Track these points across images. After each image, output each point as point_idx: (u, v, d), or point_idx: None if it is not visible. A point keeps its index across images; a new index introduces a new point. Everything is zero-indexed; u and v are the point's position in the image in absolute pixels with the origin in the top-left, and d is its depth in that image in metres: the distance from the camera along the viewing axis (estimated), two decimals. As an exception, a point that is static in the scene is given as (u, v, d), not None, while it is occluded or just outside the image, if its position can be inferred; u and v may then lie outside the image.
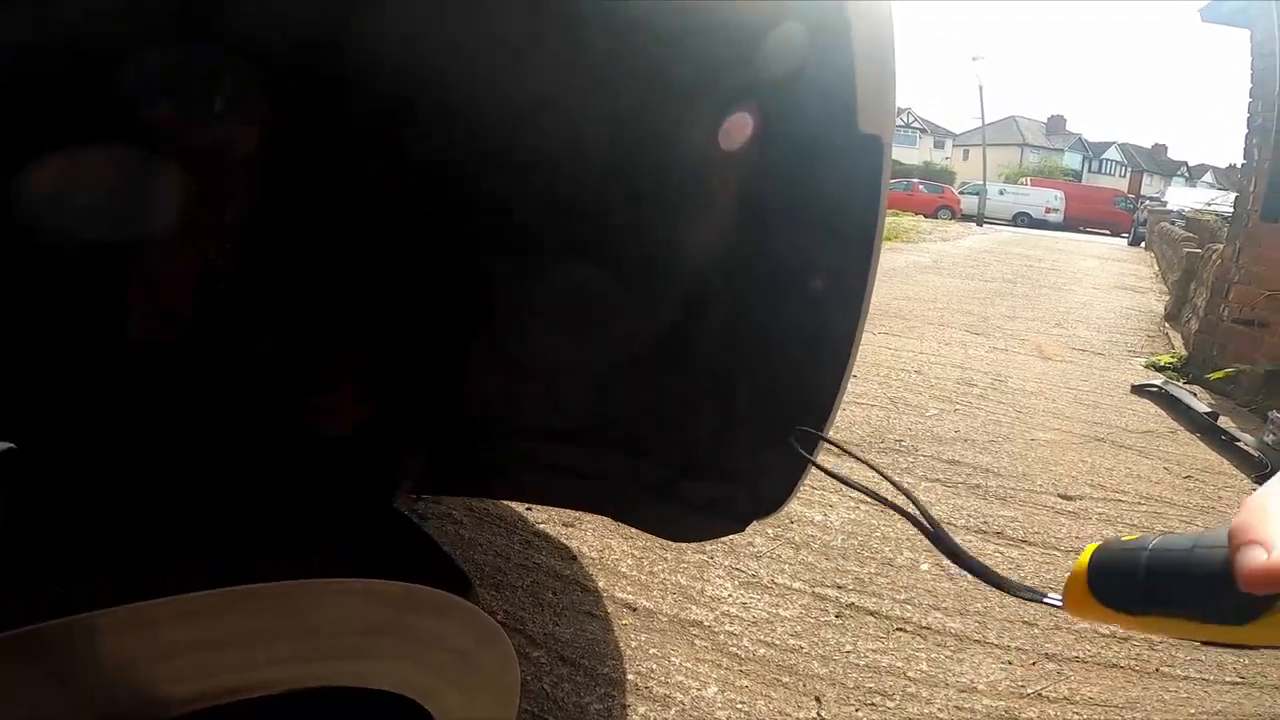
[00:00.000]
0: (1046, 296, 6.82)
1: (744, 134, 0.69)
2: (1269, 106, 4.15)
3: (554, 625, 1.46)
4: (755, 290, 0.79)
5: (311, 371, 1.10)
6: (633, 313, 0.90)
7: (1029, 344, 4.58)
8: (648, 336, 0.90)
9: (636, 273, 0.86)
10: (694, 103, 0.75)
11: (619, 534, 1.81)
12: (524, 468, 1.12)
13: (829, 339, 0.73)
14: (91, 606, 0.41)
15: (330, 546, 0.61)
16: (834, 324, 0.73)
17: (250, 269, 0.93)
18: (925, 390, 3.30)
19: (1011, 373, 3.79)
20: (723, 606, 1.57)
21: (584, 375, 0.99)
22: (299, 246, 0.96)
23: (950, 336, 4.50)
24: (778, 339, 0.81)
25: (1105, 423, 3.15)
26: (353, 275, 0.99)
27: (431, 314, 1.06)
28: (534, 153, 0.89)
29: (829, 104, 0.65)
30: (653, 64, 0.75)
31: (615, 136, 0.86)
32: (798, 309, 0.76)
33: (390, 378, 1.10)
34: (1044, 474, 2.50)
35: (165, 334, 0.98)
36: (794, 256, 0.73)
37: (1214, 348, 4.22)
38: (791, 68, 0.66)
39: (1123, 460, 2.72)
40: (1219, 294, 4.35)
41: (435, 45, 0.73)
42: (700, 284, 0.84)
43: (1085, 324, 5.54)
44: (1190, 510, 2.35)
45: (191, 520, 0.58)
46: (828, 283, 0.71)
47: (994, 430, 2.87)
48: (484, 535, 1.78)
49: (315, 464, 1.05)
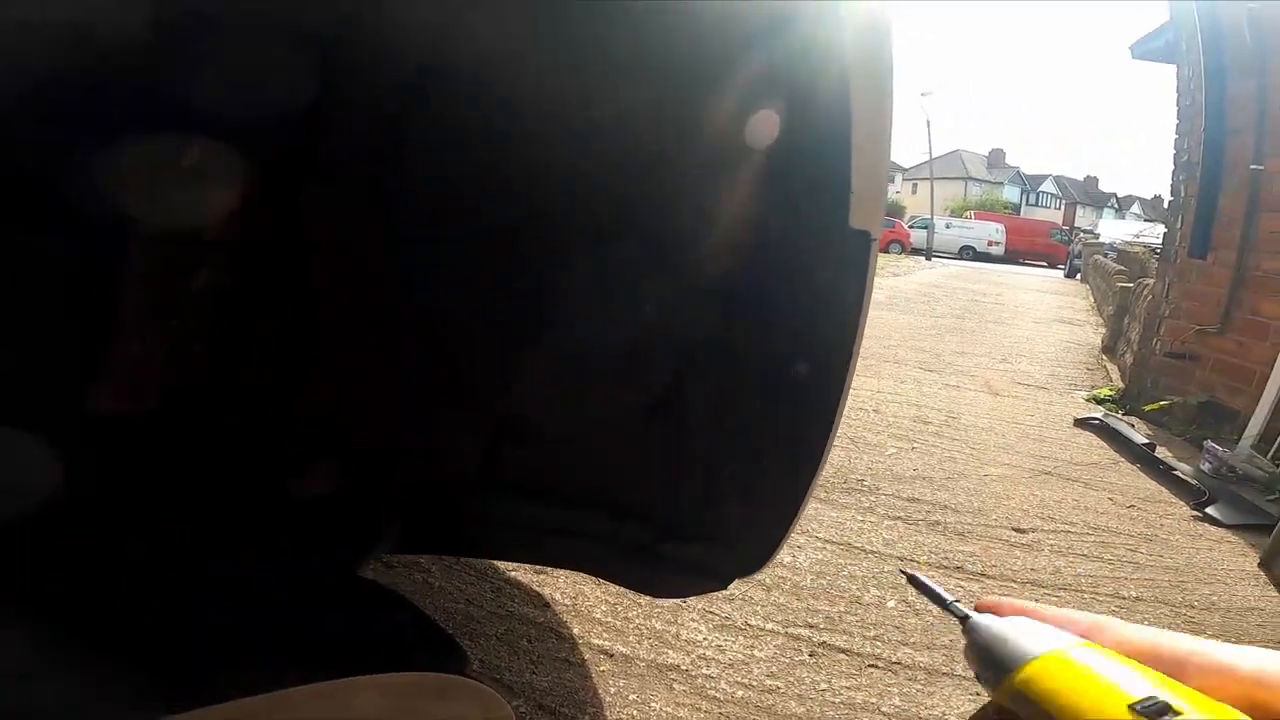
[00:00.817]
0: (992, 331, 7.10)
1: (742, 226, 0.73)
2: (1195, 143, 4.24)
3: (531, 674, 1.47)
4: (741, 370, 0.83)
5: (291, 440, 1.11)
6: (621, 383, 0.93)
7: (978, 379, 4.76)
8: (635, 405, 0.93)
9: (627, 346, 0.90)
10: (702, 196, 0.80)
11: (591, 581, 1.82)
12: (506, 528, 1.14)
13: (812, 413, 0.78)
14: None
15: (339, 644, 0.63)
16: (817, 401, 0.77)
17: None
18: (884, 429, 3.40)
19: (963, 409, 3.94)
20: (699, 650, 1.59)
21: (571, 440, 1.02)
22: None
23: (905, 374, 4.66)
24: (763, 414, 0.85)
25: (1052, 456, 3.30)
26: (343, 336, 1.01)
27: (414, 378, 1.08)
28: (513, 232, 0.93)
29: (823, 201, 0.67)
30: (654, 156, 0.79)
31: (597, 219, 0.90)
32: (783, 388, 0.80)
33: (372, 443, 1.11)
34: (998, 509, 2.60)
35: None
36: (782, 339, 0.78)
37: (1148, 380, 4.44)
38: (790, 162, 0.69)
39: (1070, 492, 2.85)
40: (1151, 328, 4.57)
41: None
42: (688, 360, 0.88)
43: (1029, 358, 5.79)
44: (1135, 538, 2.48)
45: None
46: (812, 364, 0.75)
47: (949, 467, 2.98)
48: (454, 583, 1.77)
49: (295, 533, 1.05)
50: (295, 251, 1.00)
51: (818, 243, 0.72)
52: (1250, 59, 3.73)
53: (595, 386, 0.99)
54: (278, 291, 1.03)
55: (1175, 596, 2.08)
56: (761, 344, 0.84)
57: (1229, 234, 3.92)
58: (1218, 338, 3.92)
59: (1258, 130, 3.72)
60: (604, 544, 1.07)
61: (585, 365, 0.97)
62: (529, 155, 0.89)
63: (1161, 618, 1.95)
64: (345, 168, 0.96)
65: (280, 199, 0.97)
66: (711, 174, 0.83)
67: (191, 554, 0.84)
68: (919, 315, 7.54)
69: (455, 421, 1.10)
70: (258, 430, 1.07)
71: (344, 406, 1.09)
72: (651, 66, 0.82)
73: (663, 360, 0.93)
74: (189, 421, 1.01)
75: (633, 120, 0.85)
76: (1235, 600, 2.10)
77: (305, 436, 1.10)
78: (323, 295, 1.04)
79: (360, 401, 1.10)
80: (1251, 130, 3.75)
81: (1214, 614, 2.00)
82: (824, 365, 0.75)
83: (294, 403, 1.07)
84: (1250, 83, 3.76)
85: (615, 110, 0.85)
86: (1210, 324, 3.95)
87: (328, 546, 1.05)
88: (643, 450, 0.99)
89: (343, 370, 1.08)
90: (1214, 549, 2.47)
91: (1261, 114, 3.71)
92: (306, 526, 1.05)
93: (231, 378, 1.05)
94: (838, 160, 0.67)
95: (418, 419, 1.09)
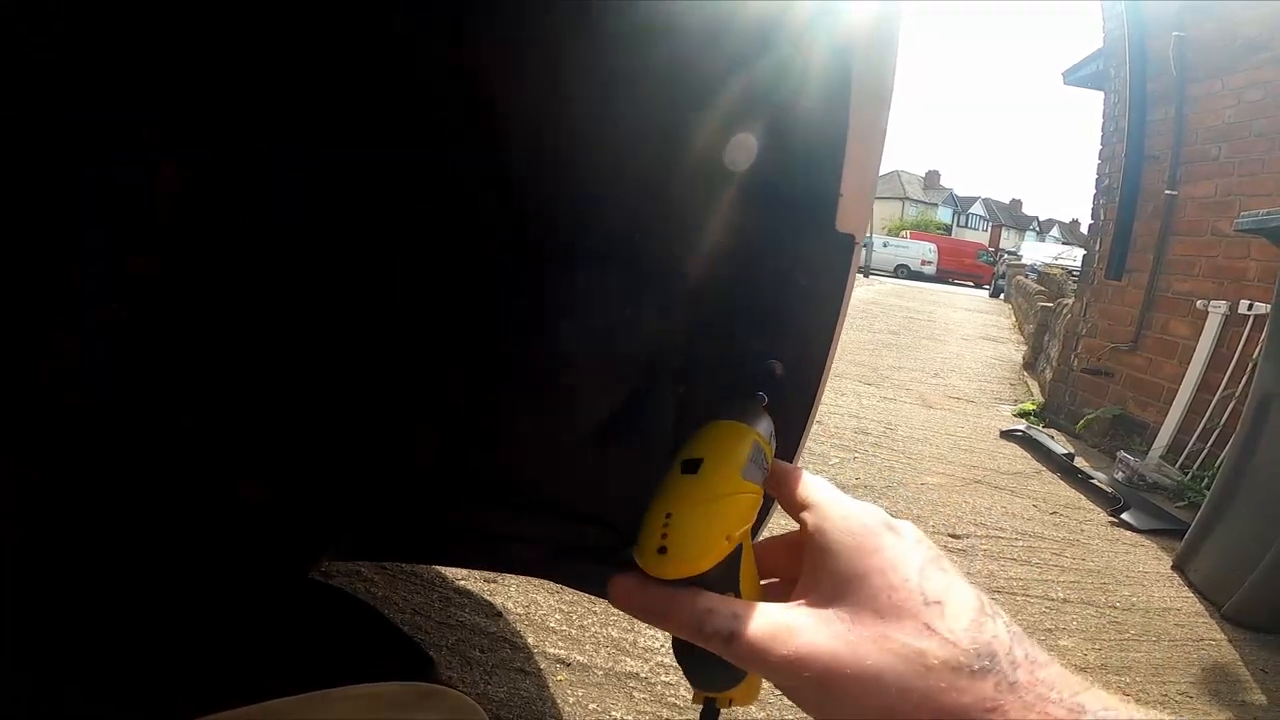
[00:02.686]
0: (926, 347, 7.39)
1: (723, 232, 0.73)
2: (1116, 169, 4.42)
3: (486, 684, 1.45)
4: (712, 378, 0.84)
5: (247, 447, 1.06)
6: (587, 390, 0.93)
7: (913, 393, 4.95)
8: (606, 415, 0.94)
9: (594, 352, 0.90)
10: (693, 195, 0.80)
11: (544, 589, 1.81)
12: (472, 534, 1.12)
13: (790, 413, 0.79)
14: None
15: (315, 652, 0.61)
16: (786, 412, 0.79)
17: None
18: (827, 440, 3.50)
19: (900, 421, 4.09)
20: (657, 656, 1.60)
21: (538, 448, 1.01)
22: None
23: (845, 387, 4.80)
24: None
25: (981, 465, 3.45)
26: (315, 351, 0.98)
27: (382, 387, 1.06)
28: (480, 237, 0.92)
29: (811, 204, 0.68)
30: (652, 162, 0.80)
31: (569, 223, 0.90)
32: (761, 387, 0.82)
33: (337, 449, 1.08)
34: (934, 515, 2.71)
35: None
36: (756, 347, 0.79)
37: (1067, 394, 4.70)
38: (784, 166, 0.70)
39: (998, 500, 3.00)
40: (1070, 345, 4.83)
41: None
42: (657, 363, 0.89)
43: (958, 373, 6.05)
44: (1059, 543, 2.62)
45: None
46: (792, 365, 0.76)
47: (889, 476, 3.09)
48: (399, 593, 1.73)
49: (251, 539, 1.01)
50: (240, 245, 0.97)
51: (802, 245, 0.72)
52: (1171, 87, 3.96)
53: (561, 395, 0.98)
54: (225, 286, 0.99)
55: (1099, 598, 2.21)
56: (741, 345, 0.86)
57: (1143, 257, 4.18)
58: (1130, 354, 4.18)
59: (1173, 157, 3.96)
60: (566, 551, 1.07)
61: (552, 373, 0.97)
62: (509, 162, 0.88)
63: (1088, 618, 2.07)
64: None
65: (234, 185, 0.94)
66: (697, 180, 0.84)
67: (135, 557, 0.80)
68: (859, 331, 7.79)
69: (409, 427, 1.08)
70: (204, 433, 1.02)
71: (294, 410, 1.05)
72: (651, 72, 0.83)
73: (634, 367, 0.93)
74: (130, 419, 0.96)
75: (625, 126, 0.85)
76: (1154, 601, 2.24)
77: (251, 440, 1.06)
78: (275, 295, 1.00)
79: (311, 406, 1.06)
80: (1168, 156, 3.99)
81: (1135, 614, 2.13)
82: (802, 369, 0.77)
83: (242, 407, 1.03)
84: (1170, 109, 3.99)
85: (610, 117, 0.85)
86: (1124, 342, 4.22)
87: (273, 552, 1.02)
88: (608, 459, 0.99)
89: (295, 375, 1.04)
90: (1130, 552, 2.63)
91: (1178, 141, 3.95)
92: (251, 531, 1.01)
93: (179, 376, 1.00)
94: (830, 163, 0.68)
95: (370, 426, 1.06)
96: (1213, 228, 3.70)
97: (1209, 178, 3.78)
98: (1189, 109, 3.91)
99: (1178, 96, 3.93)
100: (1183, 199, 3.95)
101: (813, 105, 0.62)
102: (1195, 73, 3.86)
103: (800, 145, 0.67)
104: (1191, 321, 3.72)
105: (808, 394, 0.77)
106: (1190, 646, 1.97)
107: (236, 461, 1.04)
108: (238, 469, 1.04)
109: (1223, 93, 3.70)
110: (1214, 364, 3.50)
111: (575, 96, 0.74)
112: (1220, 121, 3.71)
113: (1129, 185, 4.28)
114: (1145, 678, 1.79)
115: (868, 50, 0.58)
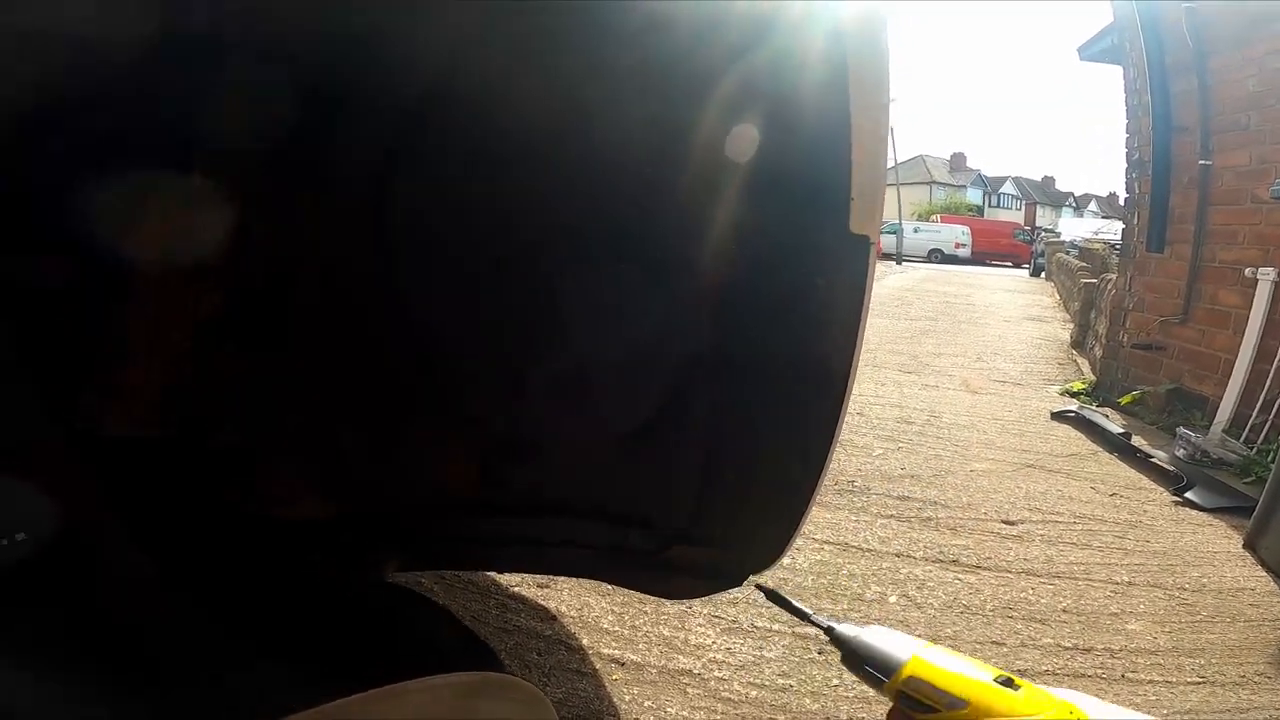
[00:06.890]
0: (965, 331, 7.24)
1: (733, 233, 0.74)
2: (1144, 142, 4.34)
3: (544, 686, 1.46)
4: (742, 379, 0.85)
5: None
6: (624, 397, 0.94)
7: (956, 379, 4.85)
8: (639, 419, 0.94)
9: (627, 360, 0.91)
10: (695, 194, 0.81)
11: (596, 591, 1.82)
12: (518, 541, 1.14)
13: (818, 413, 0.79)
14: None
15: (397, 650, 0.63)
16: (822, 401, 0.78)
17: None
18: (869, 431, 3.45)
19: (944, 408, 4.01)
20: (709, 654, 1.60)
21: (579, 456, 1.02)
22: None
23: (885, 376, 4.73)
24: (764, 423, 0.86)
25: (1033, 449, 3.37)
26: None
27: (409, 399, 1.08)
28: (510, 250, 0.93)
29: (823, 207, 0.69)
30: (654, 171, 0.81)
31: (597, 232, 0.91)
32: (784, 395, 0.82)
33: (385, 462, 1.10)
34: (986, 503, 2.65)
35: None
36: (782, 348, 0.79)
37: (1118, 371, 4.56)
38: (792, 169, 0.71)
39: (1053, 484, 2.92)
40: (1117, 322, 4.70)
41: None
42: (691, 369, 0.89)
43: (1002, 356, 5.91)
44: (1121, 525, 2.54)
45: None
46: (812, 371, 0.76)
47: (936, 465, 3.03)
48: (457, 600, 1.76)
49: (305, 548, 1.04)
50: (283, 269, 0.99)
51: (818, 248, 0.73)
52: (1190, 58, 3.86)
53: (596, 401, 0.99)
54: (268, 309, 1.02)
55: (1167, 580, 2.14)
56: (765, 348, 0.86)
57: (1183, 228, 4.06)
58: (1181, 327, 4.05)
59: (1203, 127, 3.85)
60: (610, 553, 1.08)
61: (586, 380, 0.98)
62: (527, 173, 0.90)
63: (1156, 601, 2.00)
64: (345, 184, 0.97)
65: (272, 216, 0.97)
66: (712, 182, 0.84)
67: (205, 573, 0.83)
68: (894, 319, 7.67)
69: (452, 442, 1.09)
70: (261, 454, 1.06)
71: (342, 433, 1.08)
72: (652, 75, 0.83)
73: (665, 371, 0.94)
74: (189, 443, 1.00)
75: (634, 130, 0.86)
76: (1225, 581, 2.15)
77: (303, 461, 1.09)
78: (313, 316, 1.03)
79: (358, 427, 1.09)
80: (1197, 127, 3.88)
81: (1206, 595, 2.05)
82: (827, 367, 0.77)
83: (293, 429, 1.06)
84: (1192, 80, 3.89)
85: (616, 121, 0.86)
86: (1173, 315, 4.08)
87: (341, 561, 1.04)
88: (644, 462, 0.99)
89: (337, 393, 1.07)
90: (1198, 532, 2.54)
91: (1205, 112, 3.85)
92: (306, 548, 1.04)
93: (228, 399, 1.03)
94: (838, 167, 0.68)
95: (414, 442, 1.09)
96: (1252, 195, 3.61)
97: (1242, 146, 3.69)
98: (1212, 79, 3.82)
99: (1198, 67, 3.83)
100: (1218, 169, 3.84)
101: (814, 125, 0.64)
102: (1215, 45, 3.77)
103: (807, 159, 0.69)
104: (1241, 290, 3.60)
105: (836, 390, 0.76)
106: (1267, 627, 1.89)
107: (297, 480, 1.07)
108: (297, 487, 1.08)
109: (1243, 63, 3.62)
110: (1269, 332, 3.38)
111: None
112: (1245, 92, 3.63)
113: (1159, 158, 4.18)
114: (1221, 659, 1.72)
115: (860, 46, 0.59)
